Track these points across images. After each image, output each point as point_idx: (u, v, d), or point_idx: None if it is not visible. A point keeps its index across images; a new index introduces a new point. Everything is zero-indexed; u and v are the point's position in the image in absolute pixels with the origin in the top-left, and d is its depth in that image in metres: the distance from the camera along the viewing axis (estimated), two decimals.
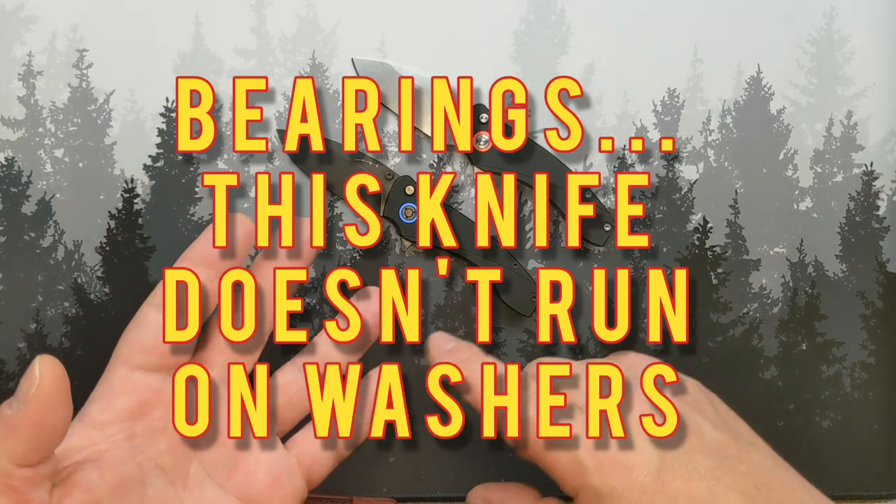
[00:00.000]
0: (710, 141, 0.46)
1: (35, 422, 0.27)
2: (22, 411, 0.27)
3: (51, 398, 0.27)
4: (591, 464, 0.31)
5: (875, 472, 0.45)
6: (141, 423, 0.32)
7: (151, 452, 0.32)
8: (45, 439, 0.27)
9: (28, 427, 0.27)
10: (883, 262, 0.46)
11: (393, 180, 0.43)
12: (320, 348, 0.38)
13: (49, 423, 0.27)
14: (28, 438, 0.27)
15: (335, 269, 0.44)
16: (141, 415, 0.33)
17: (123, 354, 0.33)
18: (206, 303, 0.34)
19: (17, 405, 0.27)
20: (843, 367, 0.45)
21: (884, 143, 0.46)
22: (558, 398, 0.34)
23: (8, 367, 0.42)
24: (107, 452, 0.31)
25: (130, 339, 0.33)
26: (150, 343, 0.33)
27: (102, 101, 0.44)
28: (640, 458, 0.31)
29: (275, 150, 0.44)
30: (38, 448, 0.27)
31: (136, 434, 0.32)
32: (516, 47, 0.45)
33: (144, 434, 0.32)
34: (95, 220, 0.43)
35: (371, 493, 0.43)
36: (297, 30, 0.44)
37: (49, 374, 0.27)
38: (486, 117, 0.43)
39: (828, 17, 0.46)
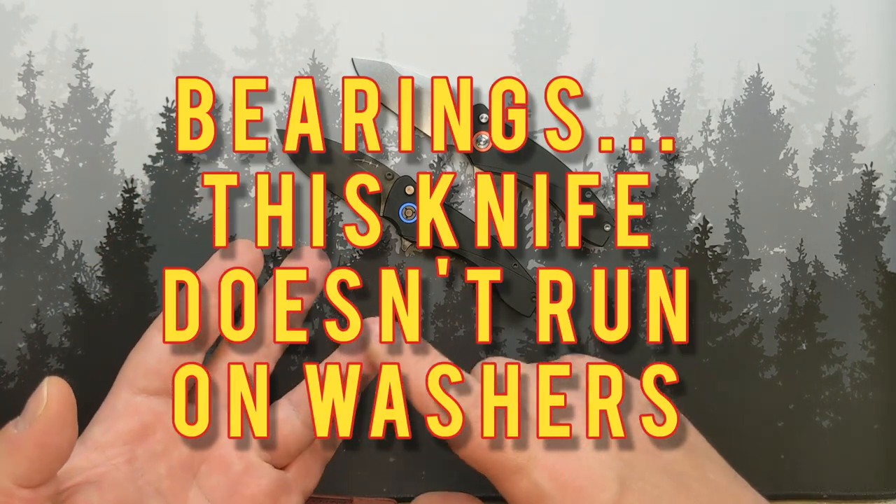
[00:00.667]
0: (710, 141, 0.46)
1: (40, 442, 0.27)
2: (27, 431, 0.27)
3: (57, 420, 0.27)
4: (552, 490, 0.30)
5: (875, 472, 0.45)
6: (142, 447, 0.33)
7: (151, 476, 0.33)
8: (49, 460, 0.27)
9: (32, 447, 0.27)
10: (883, 262, 0.46)
11: (393, 180, 0.43)
12: None
13: (54, 444, 0.27)
14: (32, 459, 0.27)
15: (335, 269, 0.44)
16: (142, 438, 0.33)
17: (128, 377, 0.33)
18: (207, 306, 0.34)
19: (23, 425, 0.27)
20: (843, 367, 0.45)
21: (884, 143, 0.46)
22: (512, 424, 0.32)
23: (8, 368, 0.42)
24: (107, 474, 0.31)
25: (135, 362, 0.34)
26: (154, 366, 0.33)
27: (102, 101, 0.44)
28: (602, 484, 0.30)
29: (275, 150, 0.44)
30: (42, 469, 0.27)
31: (137, 457, 0.32)
32: (516, 47, 0.45)
33: (145, 457, 0.33)
34: (95, 220, 0.43)
35: (371, 493, 0.43)
36: (297, 30, 0.44)
37: (56, 395, 0.27)
38: (486, 117, 0.43)
39: (828, 17, 0.46)
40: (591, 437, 0.31)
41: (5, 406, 0.42)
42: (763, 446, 0.36)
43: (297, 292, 0.37)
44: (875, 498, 0.45)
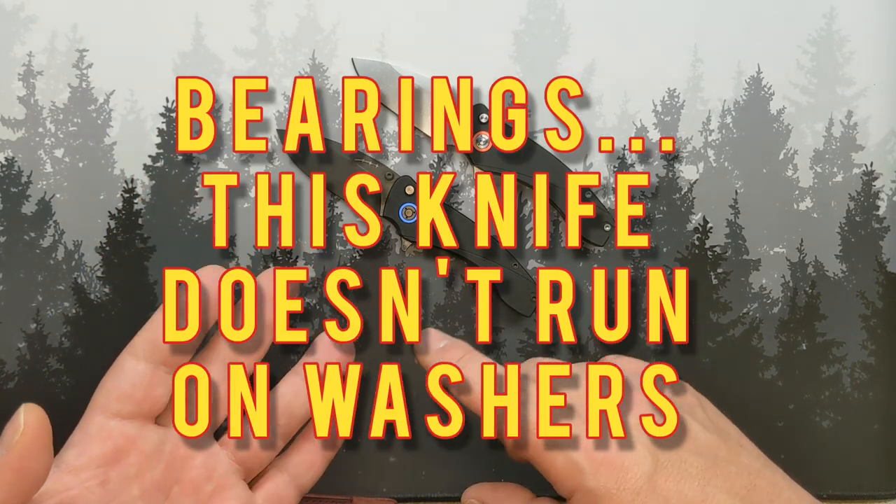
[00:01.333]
0: (710, 141, 0.46)
1: (17, 468, 0.27)
2: (5, 457, 0.27)
3: (33, 446, 0.27)
4: (588, 466, 0.32)
5: (875, 472, 0.45)
6: (115, 470, 0.33)
7: (124, 498, 0.33)
8: (26, 486, 0.28)
9: (9, 472, 0.27)
10: (883, 262, 0.46)
11: (393, 180, 0.43)
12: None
13: (30, 469, 0.27)
14: (9, 484, 0.27)
15: (335, 269, 0.44)
16: (115, 461, 0.33)
17: (100, 402, 0.34)
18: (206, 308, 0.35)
19: (0, 451, 0.27)
20: (843, 367, 0.45)
21: (884, 143, 0.46)
22: (558, 398, 0.34)
23: (8, 368, 0.42)
24: (80, 497, 0.32)
25: (108, 387, 0.34)
26: (127, 391, 0.34)
27: (102, 101, 0.44)
28: (635, 459, 0.32)
29: (275, 150, 0.44)
30: (18, 494, 0.27)
31: (110, 480, 0.33)
32: (516, 47, 0.45)
33: (118, 480, 0.33)
34: (95, 220, 0.43)
35: (371, 493, 0.43)
36: (297, 30, 0.44)
37: (33, 422, 0.27)
38: (486, 117, 0.43)
39: (828, 17, 0.46)
40: (645, 434, 0.33)
41: (5, 406, 0.42)
42: (763, 446, 0.36)
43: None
44: (875, 498, 0.45)
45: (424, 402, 0.43)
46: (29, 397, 0.29)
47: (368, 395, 0.42)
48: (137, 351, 0.34)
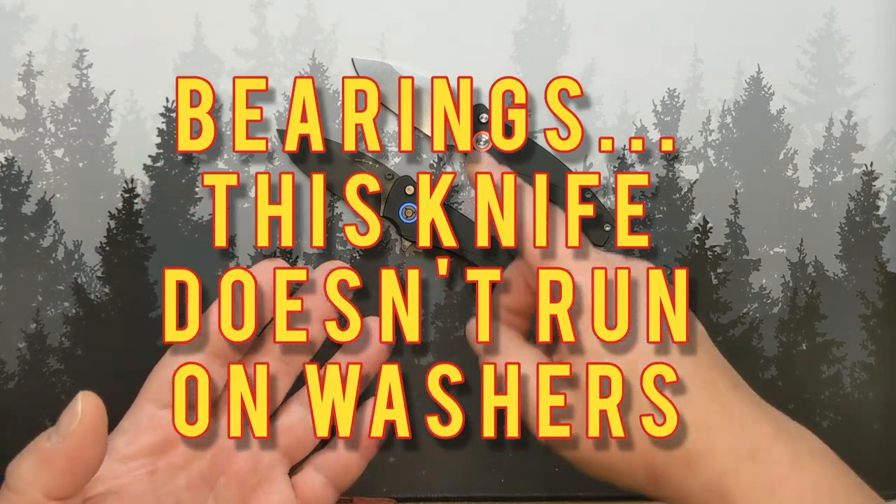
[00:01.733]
0: (710, 141, 0.46)
1: (72, 456, 0.27)
2: (61, 445, 0.27)
3: (89, 434, 0.28)
4: None
5: (875, 472, 0.45)
6: (164, 460, 0.33)
7: (171, 488, 0.33)
8: (80, 474, 0.28)
9: (65, 461, 0.27)
10: (883, 262, 0.46)
11: (393, 180, 0.43)
12: None
13: (85, 458, 0.28)
14: (63, 472, 0.27)
15: (335, 270, 0.43)
16: (164, 451, 0.33)
17: (152, 391, 0.34)
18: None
19: (56, 438, 0.27)
20: (843, 367, 0.45)
21: (884, 143, 0.46)
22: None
23: (8, 367, 0.42)
24: (129, 486, 0.32)
25: (159, 377, 0.34)
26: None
27: (102, 101, 0.43)
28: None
29: (275, 150, 0.44)
30: (73, 482, 0.28)
31: (158, 469, 0.33)
32: (516, 47, 0.45)
33: (166, 470, 0.33)
34: (95, 220, 0.43)
35: (371, 493, 0.43)
36: (297, 30, 0.44)
37: (90, 410, 0.28)
38: (486, 117, 0.43)
39: (828, 17, 0.46)
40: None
41: (5, 406, 0.42)
42: None
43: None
44: None
45: (424, 402, 0.43)
46: (29, 397, 0.29)
47: (369, 395, 0.42)
48: (186, 347, 0.34)
